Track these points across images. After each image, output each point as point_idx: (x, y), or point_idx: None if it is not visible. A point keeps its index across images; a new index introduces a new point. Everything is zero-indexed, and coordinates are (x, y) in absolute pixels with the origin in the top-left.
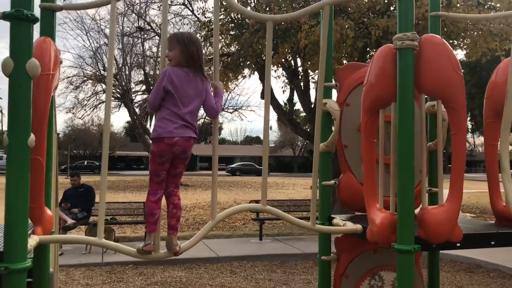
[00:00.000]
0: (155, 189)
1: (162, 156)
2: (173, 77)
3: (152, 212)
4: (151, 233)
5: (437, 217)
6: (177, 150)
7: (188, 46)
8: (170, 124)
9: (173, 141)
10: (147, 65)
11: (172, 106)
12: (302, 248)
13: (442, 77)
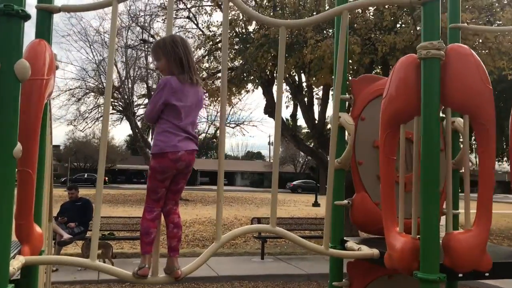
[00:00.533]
0: (151, 207)
1: (164, 173)
2: (174, 86)
3: (148, 231)
4: (146, 254)
5: (464, 244)
6: (181, 166)
7: (175, 51)
8: (173, 137)
9: (178, 156)
10: (150, 78)
11: (173, 118)
12: (305, 268)
13: (470, 90)
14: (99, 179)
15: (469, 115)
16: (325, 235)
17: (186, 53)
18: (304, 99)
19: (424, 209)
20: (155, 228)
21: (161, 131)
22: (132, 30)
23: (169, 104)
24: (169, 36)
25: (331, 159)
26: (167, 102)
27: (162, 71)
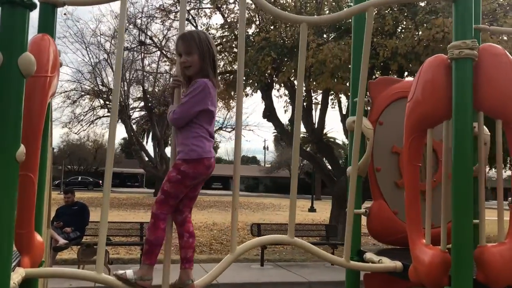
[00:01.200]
0: (165, 214)
1: (195, 179)
2: (211, 90)
3: (161, 242)
4: (151, 266)
5: (499, 257)
6: (211, 172)
7: (210, 50)
8: (208, 143)
9: (211, 162)
10: (146, 81)
11: (206, 123)
12: (306, 276)
13: (504, 94)
14: (106, 185)
15: (503, 119)
16: (346, 247)
17: (216, 55)
18: (304, 103)
19: (456, 220)
20: (164, 237)
21: (196, 136)
22: (130, 32)
23: (205, 110)
24: (202, 31)
25: (353, 166)
26: (205, 108)
27: (189, 67)
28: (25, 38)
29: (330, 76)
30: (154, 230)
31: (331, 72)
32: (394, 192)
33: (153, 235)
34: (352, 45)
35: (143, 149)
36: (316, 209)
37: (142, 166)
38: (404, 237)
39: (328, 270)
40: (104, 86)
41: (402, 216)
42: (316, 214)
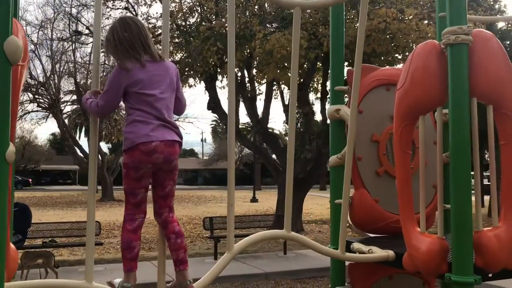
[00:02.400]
0: (132, 214)
1: (138, 168)
2: (125, 73)
3: (130, 245)
4: (130, 272)
5: (496, 241)
6: (156, 159)
7: (120, 36)
8: (144, 126)
9: (150, 146)
10: (79, 73)
11: (145, 105)
12: (261, 267)
13: (495, 79)
14: (91, 188)
15: (493, 105)
16: (342, 238)
17: (132, 33)
18: (248, 94)
19: (456, 207)
20: (138, 240)
21: (130, 121)
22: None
23: (129, 92)
24: (117, 19)
25: (348, 153)
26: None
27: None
28: (10, 19)
29: (277, 66)
30: (122, 233)
31: (277, 62)
32: (375, 181)
33: (122, 239)
34: (331, 34)
35: (77, 145)
36: (258, 199)
37: (77, 163)
38: (386, 225)
39: (282, 259)
40: (33, 79)
41: (383, 204)
42: (258, 204)
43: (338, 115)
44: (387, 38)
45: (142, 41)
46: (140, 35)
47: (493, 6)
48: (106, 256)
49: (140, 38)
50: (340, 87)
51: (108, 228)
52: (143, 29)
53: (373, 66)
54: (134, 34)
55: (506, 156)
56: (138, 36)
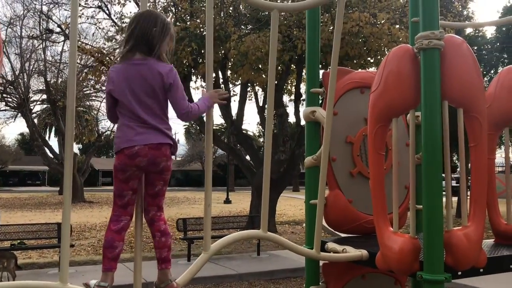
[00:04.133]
0: (117, 215)
1: (124, 171)
2: (113, 74)
3: (112, 244)
4: (108, 272)
5: (466, 240)
6: (140, 162)
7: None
8: (129, 131)
9: (133, 150)
10: (49, 72)
11: (129, 109)
12: (235, 268)
13: (465, 83)
14: (66, 187)
15: (463, 108)
16: (317, 238)
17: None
18: None
19: (428, 207)
20: (121, 241)
21: (118, 126)
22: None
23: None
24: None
25: (324, 153)
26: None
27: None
28: None
29: (251, 68)
30: (106, 232)
31: (252, 64)
32: (349, 182)
33: (105, 237)
34: (307, 36)
35: (47, 145)
36: (232, 201)
37: (47, 163)
38: (359, 226)
39: (255, 260)
40: (1, 78)
41: (356, 205)
42: (232, 206)
43: (313, 116)
44: (360, 42)
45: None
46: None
47: (462, 12)
48: (77, 258)
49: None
50: (315, 89)
51: (78, 230)
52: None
53: (347, 69)
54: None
55: (475, 157)
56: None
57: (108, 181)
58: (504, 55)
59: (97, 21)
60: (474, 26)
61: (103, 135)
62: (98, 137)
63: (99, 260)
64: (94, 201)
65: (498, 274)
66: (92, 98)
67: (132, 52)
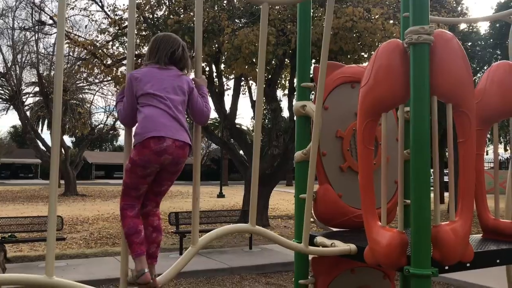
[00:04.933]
0: (131, 204)
1: (145, 167)
2: (137, 76)
3: (136, 229)
4: (140, 256)
5: (453, 235)
6: (165, 159)
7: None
8: (158, 120)
9: (162, 146)
10: (41, 64)
11: (153, 101)
12: (226, 261)
13: (455, 78)
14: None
15: (453, 103)
16: (305, 232)
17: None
18: (215, 90)
19: (416, 201)
20: (142, 224)
21: (139, 117)
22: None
23: (140, 95)
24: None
25: (313, 151)
26: (132, 96)
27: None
28: None
29: (245, 62)
30: (123, 221)
31: (246, 58)
32: (339, 176)
33: (125, 226)
34: (298, 30)
35: (39, 138)
36: (225, 195)
37: (39, 156)
38: (348, 220)
39: (247, 254)
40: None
41: (346, 199)
42: (225, 200)
43: (304, 111)
44: (353, 37)
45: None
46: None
47: (456, 8)
48: (69, 251)
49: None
50: (306, 84)
51: (71, 223)
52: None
53: (338, 64)
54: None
55: (464, 153)
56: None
57: (101, 175)
58: (497, 51)
59: (90, 13)
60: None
61: (96, 128)
62: (91, 130)
63: (90, 253)
64: (87, 195)
65: (491, 269)
66: (85, 91)
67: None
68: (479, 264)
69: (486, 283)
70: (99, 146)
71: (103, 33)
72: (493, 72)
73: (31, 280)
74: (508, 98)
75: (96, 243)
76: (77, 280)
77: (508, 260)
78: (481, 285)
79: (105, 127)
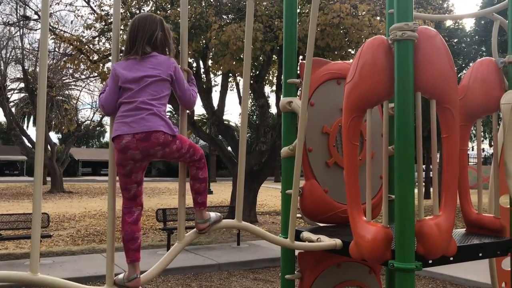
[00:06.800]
0: (129, 207)
1: (121, 165)
2: (116, 66)
3: (133, 236)
4: (134, 262)
5: (437, 229)
6: (131, 156)
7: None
8: (119, 121)
9: (121, 143)
10: (27, 60)
11: (124, 97)
12: (214, 258)
13: (439, 74)
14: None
15: (436, 99)
16: (291, 227)
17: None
18: (203, 85)
19: (400, 196)
20: (140, 230)
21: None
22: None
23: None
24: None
25: (298, 146)
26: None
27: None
28: None
29: (232, 57)
30: (122, 225)
31: (233, 54)
32: (325, 172)
33: (122, 231)
34: (284, 26)
35: (25, 135)
36: (213, 191)
37: (25, 153)
38: (334, 215)
39: (235, 250)
40: None
41: (332, 194)
42: (213, 196)
43: (290, 107)
44: (340, 33)
45: None
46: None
47: (442, 5)
48: (55, 248)
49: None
50: (292, 80)
51: (57, 221)
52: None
53: (324, 60)
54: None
55: (447, 148)
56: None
57: (88, 172)
58: (482, 48)
59: (76, 8)
60: (452, 18)
61: (83, 125)
62: (77, 127)
63: (77, 250)
64: (74, 192)
65: (475, 263)
66: (71, 87)
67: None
68: (462, 258)
69: (470, 277)
70: (85, 142)
71: (89, 28)
72: (477, 69)
73: (15, 277)
74: (491, 95)
75: (83, 240)
76: (64, 277)
77: (490, 253)
78: (465, 279)
79: (91, 124)
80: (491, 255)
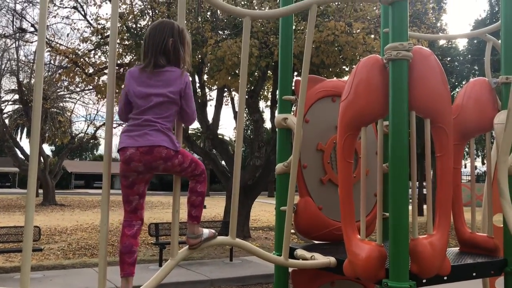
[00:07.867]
0: (129, 220)
1: (125, 177)
2: (128, 76)
3: (130, 249)
4: (129, 276)
5: (430, 249)
6: (135, 167)
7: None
8: (124, 134)
9: (125, 155)
10: (22, 72)
11: (132, 113)
12: (207, 273)
13: (433, 94)
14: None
15: (430, 118)
16: (285, 245)
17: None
18: (198, 100)
19: (394, 215)
20: (137, 245)
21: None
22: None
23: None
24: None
25: (293, 163)
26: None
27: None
28: None
29: (228, 73)
30: (121, 237)
31: (228, 69)
32: (319, 189)
33: (120, 243)
34: (280, 44)
35: (18, 146)
36: (206, 206)
37: (17, 165)
38: (328, 232)
39: (228, 266)
40: None
41: (326, 212)
42: (206, 211)
43: (285, 123)
44: (335, 50)
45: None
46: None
47: (435, 24)
48: (46, 262)
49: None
50: (287, 97)
51: (48, 234)
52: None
53: (319, 77)
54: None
55: (441, 167)
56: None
57: (81, 184)
58: (475, 67)
59: (72, 21)
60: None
61: (77, 137)
62: (71, 139)
63: (68, 264)
64: (66, 204)
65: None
66: (66, 99)
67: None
68: (456, 277)
69: None
70: (79, 155)
71: (85, 41)
72: (470, 89)
73: None
74: (484, 114)
75: (74, 254)
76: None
77: (484, 273)
78: None
79: (85, 136)
80: (485, 275)
